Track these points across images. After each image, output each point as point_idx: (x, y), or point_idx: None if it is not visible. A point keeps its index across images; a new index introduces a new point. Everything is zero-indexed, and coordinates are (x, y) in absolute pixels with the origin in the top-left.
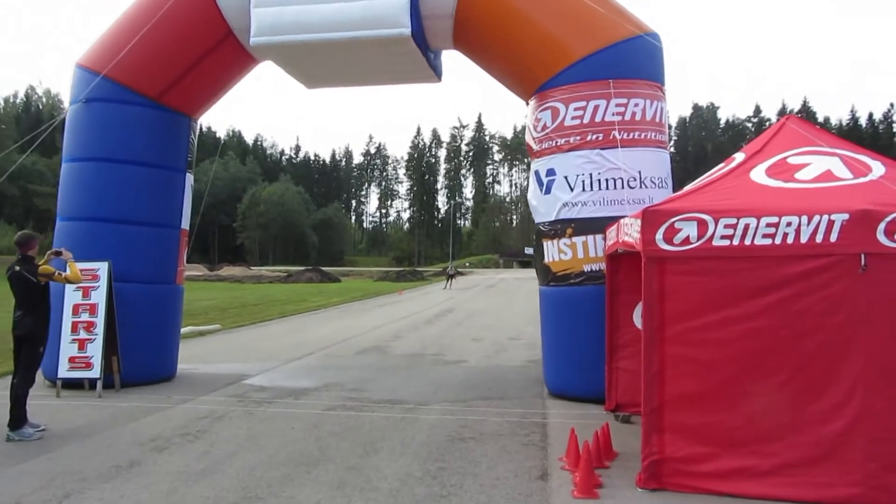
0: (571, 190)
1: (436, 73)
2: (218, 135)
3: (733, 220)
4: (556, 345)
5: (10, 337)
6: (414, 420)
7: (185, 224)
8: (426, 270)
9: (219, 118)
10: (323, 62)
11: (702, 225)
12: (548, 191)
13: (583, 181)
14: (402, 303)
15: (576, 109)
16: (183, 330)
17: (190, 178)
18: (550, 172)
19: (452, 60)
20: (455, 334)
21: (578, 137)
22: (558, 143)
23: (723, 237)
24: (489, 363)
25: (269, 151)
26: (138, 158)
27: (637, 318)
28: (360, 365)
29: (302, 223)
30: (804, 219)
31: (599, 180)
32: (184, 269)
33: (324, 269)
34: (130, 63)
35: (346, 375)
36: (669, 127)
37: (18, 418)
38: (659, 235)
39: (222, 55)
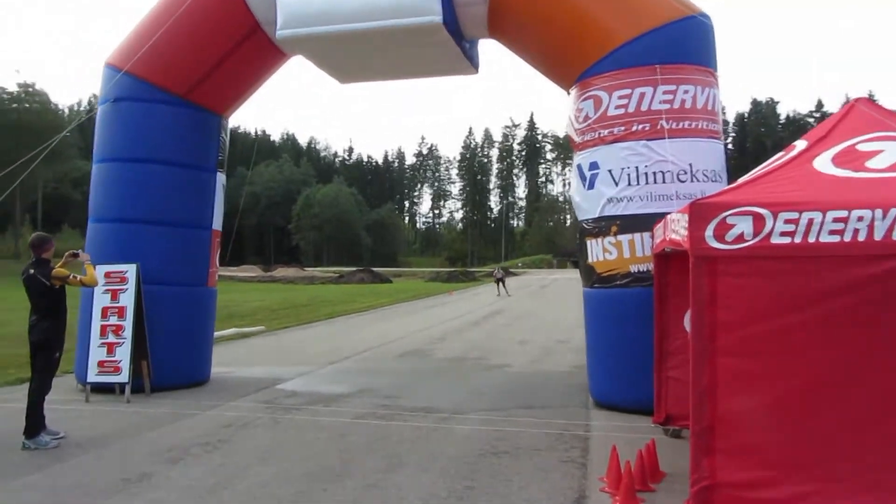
0: (616, 184)
1: (472, 63)
2: (272, 138)
3: (794, 215)
4: (600, 351)
5: (27, 342)
6: (446, 431)
7: (217, 225)
8: (478, 271)
9: (274, 122)
10: (353, 55)
11: (758, 220)
12: (591, 185)
13: (628, 175)
14: (452, 304)
15: (620, 98)
16: (226, 332)
17: (221, 178)
18: (593, 166)
19: (505, 58)
20: (501, 337)
21: (623, 128)
22: (601, 135)
23: (782, 234)
24: (534, 368)
25: (322, 154)
26: (167, 158)
27: (688, 324)
28: (398, 369)
29: (355, 224)
30: (878, 213)
31: (646, 174)
32: (216, 271)
33: (376, 269)
34: (158, 60)
35: (382, 380)
36: (726, 123)
37: (34, 426)
38: (709, 232)
39: (250, 50)
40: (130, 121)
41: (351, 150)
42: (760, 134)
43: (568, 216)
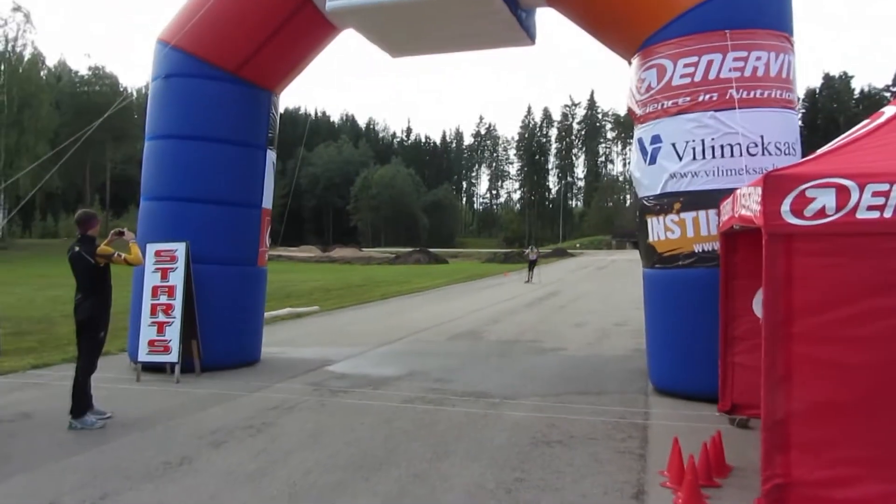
0: (680, 159)
1: (528, 34)
2: (332, 119)
3: (885, 187)
4: (661, 335)
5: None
6: (497, 417)
7: (268, 204)
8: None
9: (333, 103)
10: (404, 26)
11: (842, 193)
12: (652, 160)
13: (693, 148)
14: (507, 285)
15: (685, 66)
16: (280, 311)
17: (271, 156)
18: (655, 139)
19: (564, 31)
20: (556, 319)
21: (688, 98)
22: (665, 106)
23: (870, 208)
24: (589, 352)
25: (381, 134)
26: (217, 135)
27: (757, 307)
28: (450, 351)
29: (413, 205)
30: None
31: (713, 147)
32: (266, 251)
33: (432, 250)
34: (208, 35)
35: (433, 363)
36: (797, 99)
37: (80, 406)
38: (785, 206)
39: (300, 24)
40: (180, 97)
41: (409, 130)
42: (833, 110)
43: (628, 196)
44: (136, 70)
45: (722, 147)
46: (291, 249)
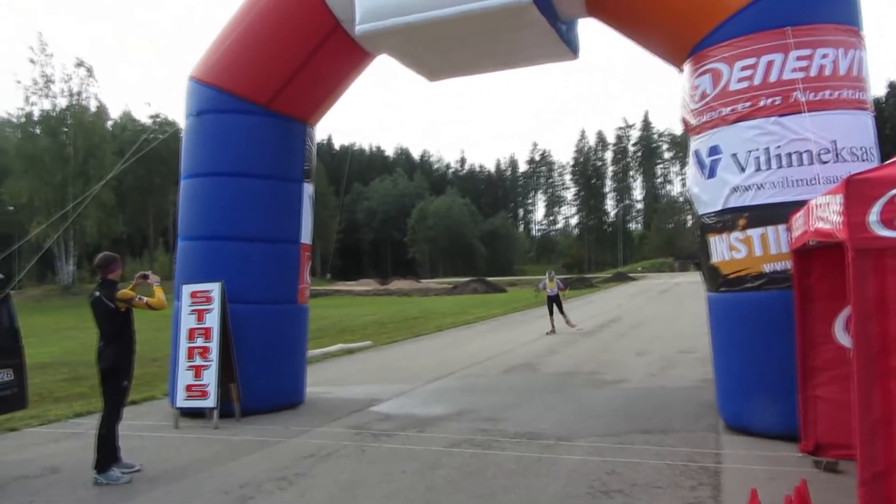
0: (742, 170)
1: (570, 48)
2: (386, 153)
3: None
4: (730, 365)
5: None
6: (551, 462)
7: (307, 238)
8: (595, 277)
9: (386, 137)
10: (437, 47)
11: None
12: (711, 174)
13: (757, 158)
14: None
15: (743, 69)
16: (332, 348)
17: (309, 189)
18: (714, 151)
19: (615, 50)
20: (617, 348)
21: (748, 104)
22: (722, 114)
23: None
24: (653, 383)
25: (435, 166)
26: (251, 170)
27: (840, 332)
28: (503, 386)
29: (469, 234)
30: None
31: (779, 156)
32: (307, 287)
33: (490, 279)
34: (238, 69)
35: (484, 400)
36: (870, 100)
37: (105, 459)
38: (873, 216)
39: (332, 51)
40: (213, 134)
41: (463, 160)
42: None
43: (689, 217)
44: None
45: (790, 155)
46: (350, 284)
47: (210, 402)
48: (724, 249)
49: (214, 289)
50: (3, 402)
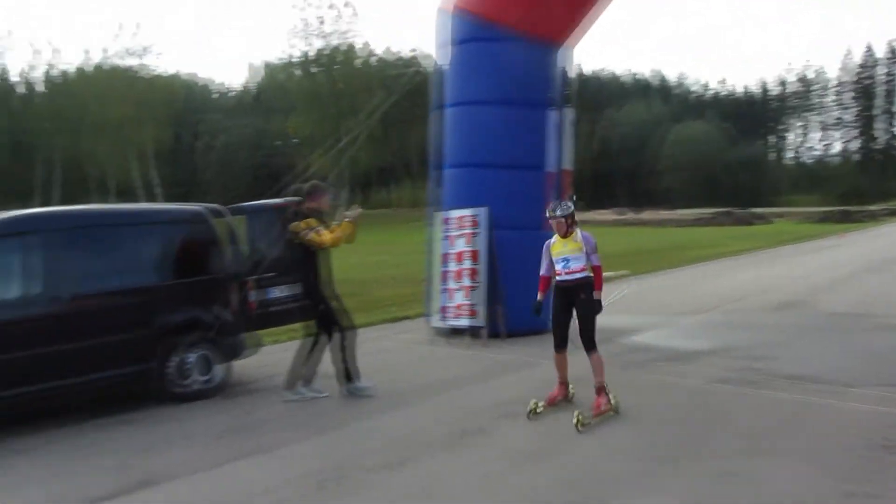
0: None
1: None
2: (638, 76)
3: None
4: None
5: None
6: (825, 409)
7: (563, 164)
8: (877, 209)
9: (638, 62)
10: None
11: None
12: None
13: None
14: (843, 247)
15: None
16: None
17: (566, 114)
18: None
19: None
20: None
21: None
22: None
23: None
24: None
25: (692, 88)
26: (505, 97)
27: None
28: (772, 324)
29: (724, 163)
30: None
31: None
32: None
33: (747, 210)
34: None
35: (751, 337)
36: None
37: (350, 373)
38: None
39: None
40: (469, 62)
41: (722, 82)
42: None
43: None
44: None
45: None
46: (600, 212)
47: (479, 321)
48: None
49: (481, 213)
50: (290, 314)
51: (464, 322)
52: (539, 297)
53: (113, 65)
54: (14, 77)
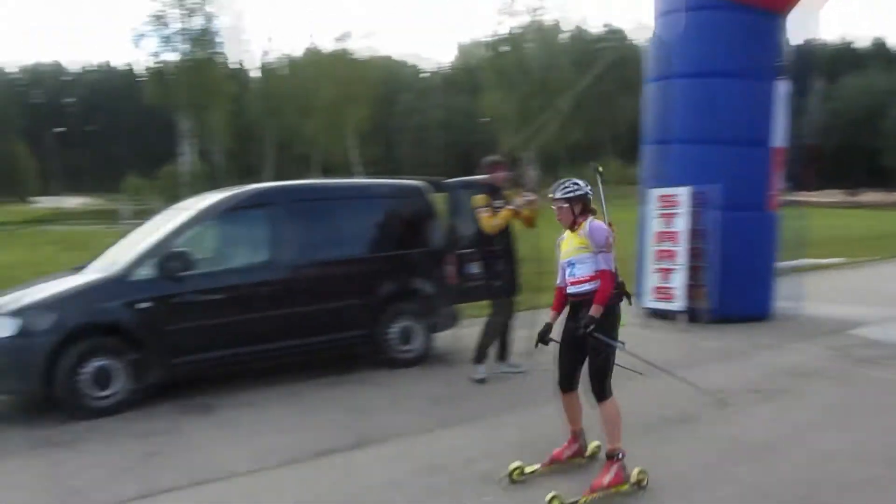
0: None
1: None
2: (854, 46)
3: None
4: None
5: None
6: None
7: (780, 141)
8: None
9: (858, 29)
10: None
11: None
12: None
13: None
14: None
15: None
16: (797, 262)
17: (783, 87)
18: None
19: None
20: None
21: None
22: None
23: None
24: None
25: None
26: (718, 69)
27: None
28: None
29: None
30: None
31: None
32: (778, 194)
33: None
34: None
35: None
36: None
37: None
38: None
39: None
40: (685, 33)
41: None
42: None
43: None
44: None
45: None
46: (812, 194)
47: (677, 304)
48: None
49: (683, 193)
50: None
51: (665, 305)
52: (550, 316)
53: (333, 49)
54: (251, 68)
